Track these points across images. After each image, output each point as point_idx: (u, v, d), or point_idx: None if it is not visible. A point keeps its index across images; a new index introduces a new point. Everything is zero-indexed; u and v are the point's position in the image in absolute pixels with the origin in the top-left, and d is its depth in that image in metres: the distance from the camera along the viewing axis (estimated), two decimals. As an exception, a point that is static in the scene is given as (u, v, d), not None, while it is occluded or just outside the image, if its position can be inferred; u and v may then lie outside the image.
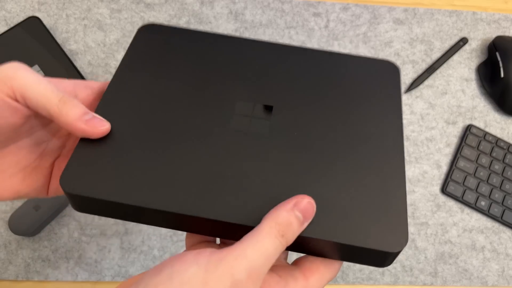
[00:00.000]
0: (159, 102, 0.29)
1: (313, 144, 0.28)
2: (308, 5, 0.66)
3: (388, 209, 0.26)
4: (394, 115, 0.31)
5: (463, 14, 0.68)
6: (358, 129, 0.30)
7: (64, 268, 0.53)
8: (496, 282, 0.57)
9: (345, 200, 0.26)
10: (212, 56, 0.32)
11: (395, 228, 0.26)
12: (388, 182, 0.28)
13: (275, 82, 0.31)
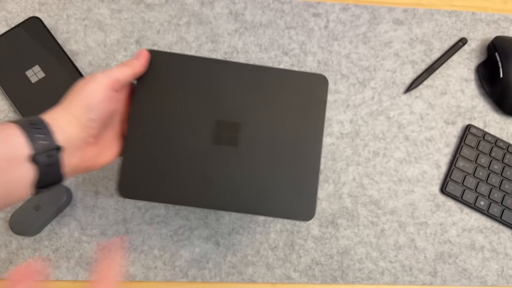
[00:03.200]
0: (166, 123, 0.43)
1: (261, 153, 0.43)
2: (308, 5, 0.66)
3: (302, 197, 0.42)
4: (318, 121, 0.44)
5: (463, 14, 0.69)
6: (290, 135, 0.43)
7: (65, 268, 0.53)
8: (496, 282, 0.57)
9: (276, 187, 0.42)
10: (195, 80, 0.44)
11: (306, 209, 0.42)
12: (305, 173, 0.43)
13: (239, 102, 0.44)
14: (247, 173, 0.43)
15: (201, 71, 0.44)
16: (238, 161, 0.43)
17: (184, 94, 0.43)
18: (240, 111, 0.43)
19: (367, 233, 0.58)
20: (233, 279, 0.55)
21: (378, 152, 0.61)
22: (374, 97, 0.63)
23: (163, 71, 0.43)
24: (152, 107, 0.43)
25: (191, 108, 0.43)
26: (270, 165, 0.43)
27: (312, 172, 0.43)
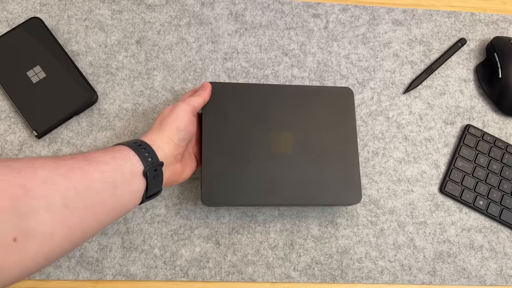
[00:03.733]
0: (232, 139, 0.52)
1: (311, 155, 0.53)
2: (308, 6, 0.67)
3: (350, 185, 0.53)
4: (351, 125, 0.55)
5: (462, 15, 0.69)
6: (332, 138, 0.54)
7: (66, 267, 0.53)
8: (494, 281, 0.58)
9: (328, 181, 0.53)
10: (248, 102, 0.54)
11: (354, 193, 0.53)
12: (349, 167, 0.53)
13: (287, 116, 0.54)
14: (303, 173, 0.52)
15: (251, 95, 0.54)
16: (295, 164, 0.52)
17: (241, 114, 0.53)
18: (288, 124, 0.53)
19: (367, 233, 0.58)
20: (233, 278, 0.55)
21: (377, 152, 0.61)
22: (373, 97, 0.64)
23: (221, 97, 0.53)
24: (218, 127, 0.52)
25: (249, 125, 0.53)
26: (320, 164, 0.53)
27: (354, 165, 0.53)
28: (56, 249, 0.33)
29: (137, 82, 0.61)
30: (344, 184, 0.53)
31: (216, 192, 0.50)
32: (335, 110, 0.55)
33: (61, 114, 0.57)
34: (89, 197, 0.36)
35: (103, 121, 0.59)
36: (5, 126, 0.57)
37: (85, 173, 0.36)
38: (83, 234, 0.36)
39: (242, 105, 0.53)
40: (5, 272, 0.31)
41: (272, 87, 0.55)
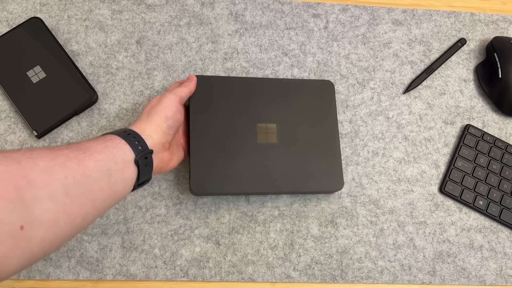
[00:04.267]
0: (219, 130, 0.54)
1: (295, 145, 0.55)
2: (308, 6, 0.67)
3: (332, 173, 0.55)
4: (332, 115, 0.58)
5: (462, 15, 0.69)
6: (314, 128, 0.56)
7: (66, 267, 0.53)
8: (494, 281, 0.58)
9: (311, 170, 0.55)
10: (234, 95, 0.56)
11: (337, 182, 0.56)
12: (331, 157, 0.56)
13: (271, 108, 0.56)
14: (288, 162, 0.54)
15: (236, 88, 0.56)
16: (280, 153, 0.54)
17: (227, 106, 0.55)
18: (273, 115, 0.55)
19: (366, 233, 0.58)
20: (233, 278, 0.55)
21: (377, 152, 0.61)
22: (373, 97, 0.64)
23: (208, 90, 0.55)
24: (205, 119, 0.54)
25: (235, 117, 0.54)
26: (304, 153, 0.55)
27: (336, 154, 0.56)
28: (60, 236, 0.35)
29: (137, 82, 0.61)
30: (327, 172, 0.55)
31: (205, 181, 0.52)
32: (316, 102, 0.57)
33: (61, 114, 0.57)
34: (87, 185, 0.37)
35: (103, 121, 0.59)
36: (5, 126, 0.57)
37: (81, 162, 0.37)
38: (83, 221, 0.37)
39: (227, 97, 0.55)
40: (14, 259, 0.32)
41: (256, 80, 0.57)
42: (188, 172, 0.53)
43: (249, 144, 0.54)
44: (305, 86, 0.58)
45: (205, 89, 0.55)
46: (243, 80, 0.57)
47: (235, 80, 0.57)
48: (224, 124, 0.54)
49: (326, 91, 0.58)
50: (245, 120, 0.55)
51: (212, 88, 0.55)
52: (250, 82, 0.57)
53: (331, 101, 0.58)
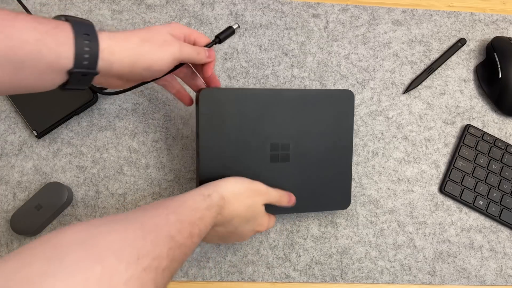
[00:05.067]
0: (229, 149, 0.49)
1: (308, 163, 0.53)
2: (308, 6, 0.67)
3: (340, 192, 0.55)
4: (348, 131, 0.54)
5: (461, 15, 0.69)
6: (328, 147, 0.53)
7: (66, 267, 0.53)
8: (494, 281, 0.58)
9: (320, 188, 0.54)
10: (247, 109, 0.50)
11: (344, 200, 0.55)
12: (341, 177, 0.55)
13: (286, 124, 0.51)
14: (299, 182, 0.52)
15: (250, 102, 0.50)
16: (291, 173, 0.52)
17: (240, 123, 0.49)
18: (287, 133, 0.51)
19: (366, 233, 0.58)
20: (233, 278, 0.55)
21: (377, 152, 0.61)
22: (373, 97, 0.64)
23: (218, 105, 0.49)
24: (215, 137, 0.49)
25: (247, 135, 0.50)
26: (316, 173, 0.53)
27: (347, 172, 0.54)
28: None
29: (137, 82, 0.61)
30: (335, 191, 0.54)
31: None
32: (334, 114, 0.53)
33: (61, 114, 0.57)
34: None
35: (103, 121, 0.59)
36: (5, 126, 0.57)
37: None
38: None
39: (240, 113, 0.50)
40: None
41: (271, 93, 0.51)
42: None
43: (260, 163, 0.51)
44: (323, 97, 0.52)
45: (215, 104, 0.49)
46: (257, 93, 0.50)
47: (248, 93, 0.50)
48: (235, 143, 0.50)
49: (346, 102, 0.53)
50: (257, 138, 0.50)
51: (223, 103, 0.49)
52: (263, 95, 0.50)
53: (349, 114, 0.54)
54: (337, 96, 0.53)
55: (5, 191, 0.55)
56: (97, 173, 0.57)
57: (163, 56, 0.42)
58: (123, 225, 0.33)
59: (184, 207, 0.39)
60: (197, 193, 0.41)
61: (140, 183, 0.57)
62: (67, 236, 0.30)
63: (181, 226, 0.36)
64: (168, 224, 0.36)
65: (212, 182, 0.45)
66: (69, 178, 0.57)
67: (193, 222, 0.38)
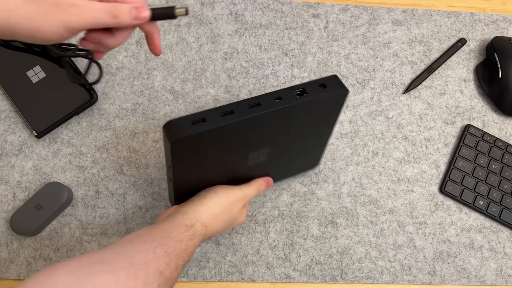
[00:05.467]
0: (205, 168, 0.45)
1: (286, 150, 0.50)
2: (308, 6, 0.67)
3: (314, 155, 0.55)
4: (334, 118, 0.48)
5: (462, 15, 0.69)
6: (310, 134, 0.49)
7: (66, 267, 0.53)
8: (494, 281, 0.58)
9: (295, 161, 0.54)
10: (222, 143, 0.42)
11: (314, 160, 0.56)
12: (319, 146, 0.53)
13: (265, 136, 0.45)
14: (275, 164, 0.51)
15: (228, 138, 0.42)
16: (268, 163, 0.50)
17: (216, 151, 0.43)
18: (267, 140, 0.46)
19: (366, 233, 0.58)
20: (233, 278, 0.55)
21: (377, 152, 0.61)
22: (373, 97, 0.64)
23: (193, 152, 0.41)
24: (189, 165, 0.43)
25: (223, 156, 0.44)
26: (292, 151, 0.51)
27: (324, 140, 0.52)
28: None
29: (137, 82, 0.61)
30: (309, 156, 0.55)
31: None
32: (323, 114, 0.47)
33: (61, 114, 0.57)
34: None
35: (103, 121, 0.59)
36: (5, 126, 0.57)
37: None
38: None
39: (213, 144, 0.42)
40: None
41: (253, 121, 0.41)
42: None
43: (238, 169, 0.48)
44: (315, 106, 0.44)
45: (189, 152, 0.41)
46: (238, 125, 0.40)
47: (226, 129, 0.40)
48: (209, 166, 0.45)
49: (338, 101, 0.46)
50: (236, 157, 0.46)
51: (198, 149, 0.41)
52: (245, 125, 0.41)
53: (339, 108, 0.47)
54: (331, 100, 0.45)
55: (5, 191, 0.55)
56: (97, 173, 0.57)
57: (50, 26, 0.33)
58: (113, 263, 0.34)
59: (169, 238, 0.39)
60: (179, 224, 0.42)
61: (140, 183, 0.57)
62: (60, 278, 0.30)
63: (169, 259, 0.37)
64: (156, 258, 0.36)
65: (191, 206, 0.45)
66: (69, 178, 0.56)
67: (178, 254, 0.39)
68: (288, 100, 0.41)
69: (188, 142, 0.39)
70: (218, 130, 0.39)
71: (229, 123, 0.39)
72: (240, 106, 0.40)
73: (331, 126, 0.50)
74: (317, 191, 0.59)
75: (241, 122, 0.40)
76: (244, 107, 0.40)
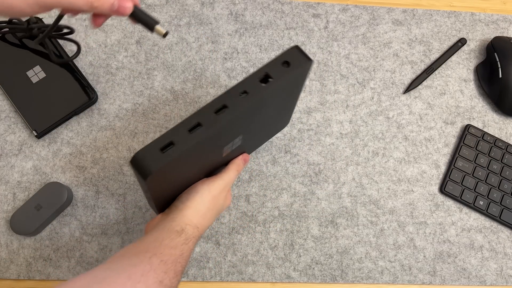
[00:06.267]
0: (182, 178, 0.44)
1: (256, 128, 0.49)
2: (308, 6, 0.67)
3: (283, 118, 0.54)
4: (298, 87, 0.47)
5: (462, 15, 0.69)
6: (276, 108, 0.47)
7: (66, 267, 0.53)
8: (495, 281, 0.58)
9: (267, 128, 0.53)
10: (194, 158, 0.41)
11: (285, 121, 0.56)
12: (286, 110, 0.52)
13: (235, 125, 0.42)
14: (250, 141, 0.51)
15: (196, 149, 0.39)
16: (242, 144, 0.49)
17: (191, 162, 0.41)
18: (239, 131, 0.44)
19: (367, 233, 0.58)
20: (233, 278, 0.55)
21: (377, 152, 0.61)
22: (373, 97, 0.64)
23: (165, 173, 0.39)
24: (165, 185, 0.42)
25: (200, 161, 0.43)
26: (263, 124, 0.50)
27: (292, 105, 0.51)
28: None
29: (137, 82, 0.61)
30: (278, 121, 0.54)
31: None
32: (290, 87, 0.44)
33: (61, 114, 0.57)
34: None
35: (103, 121, 0.59)
36: (5, 126, 0.57)
37: None
38: None
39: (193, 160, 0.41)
40: None
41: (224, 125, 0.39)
42: None
43: (214, 162, 0.47)
44: (284, 84, 0.42)
45: (164, 176, 0.39)
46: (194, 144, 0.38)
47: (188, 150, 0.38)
48: (186, 177, 0.44)
49: (303, 72, 0.43)
50: (211, 157, 0.45)
51: (173, 169, 0.39)
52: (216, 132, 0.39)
53: (304, 76, 0.45)
54: (295, 76, 0.42)
55: (5, 191, 0.55)
56: (97, 173, 0.57)
57: (23, 2, 0.33)
58: (110, 280, 0.33)
59: (162, 246, 0.39)
60: (170, 231, 0.41)
61: (140, 183, 0.57)
62: None
63: (166, 267, 0.37)
64: (153, 268, 0.36)
65: (177, 212, 0.44)
66: (69, 178, 0.56)
67: (175, 261, 0.38)
68: (254, 92, 0.39)
69: (162, 170, 0.37)
70: (191, 149, 0.37)
71: (200, 139, 0.37)
72: (205, 113, 0.38)
73: (298, 92, 0.48)
74: (317, 191, 0.59)
75: (211, 132, 0.38)
76: (210, 114, 0.38)
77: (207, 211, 0.45)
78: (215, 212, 0.47)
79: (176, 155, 0.36)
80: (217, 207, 0.47)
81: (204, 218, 0.45)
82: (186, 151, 0.37)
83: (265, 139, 0.57)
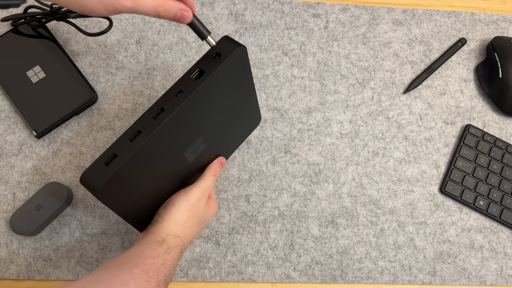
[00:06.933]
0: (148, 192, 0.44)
1: (221, 128, 0.49)
2: (308, 6, 0.67)
3: (252, 116, 0.55)
4: (249, 81, 0.48)
5: (462, 15, 0.69)
6: (235, 104, 0.48)
7: (65, 268, 0.53)
8: (495, 281, 0.58)
9: (236, 130, 0.53)
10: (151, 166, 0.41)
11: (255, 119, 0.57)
12: (250, 108, 0.53)
13: (185, 127, 0.42)
14: (220, 144, 0.51)
15: (144, 157, 0.39)
16: (207, 148, 0.48)
17: (146, 171, 0.41)
18: (194, 133, 0.44)
19: (367, 233, 0.58)
20: (233, 278, 0.55)
21: (377, 152, 0.61)
22: (373, 97, 0.64)
23: (119, 185, 0.39)
24: (132, 200, 0.42)
25: (161, 170, 0.43)
26: (230, 126, 0.50)
27: (253, 101, 0.52)
28: None
29: (137, 82, 0.61)
30: (248, 119, 0.54)
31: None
32: (234, 78, 0.45)
33: (60, 114, 0.57)
34: None
35: (103, 121, 0.59)
36: (5, 126, 0.57)
37: None
38: None
39: (148, 169, 0.41)
40: None
41: (166, 128, 0.40)
42: None
43: (182, 170, 0.46)
44: (218, 78, 0.42)
45: (120, 189, 0.40)
46: (152, 142, 0.39)
47: (142, 152, 0.39)
48: (156, 186, 0.44)
49: (240, 60, 0.44)
50: (174, 164, 0.44)
51: (127, 181, 0.40)
52: (160, 137, 0.39)
53: (246, 64, 0.45)
54: (232, 64, 0.43)
55: (4, 191, 0.55)
56: (97, 173, 0.57)
57: (98, 6, 0.36)
58: None
59: (143, 257, 0.39)
60: (151, 242, 0.41)
61: (140, 183, 0.57)
62: None
63: (148, 276, 0.37)
64: (134, 277, 0.36)
65: (157, 225, 0.44)
66: (69, 178, 0.56)
67: (157, 270, 0.38)
68: (189, 90, 0.39)
69: (111, 183, 0.37)
70: (134, 157, 0.38)
71: (141, 145, 0.37)
72: (144, 121, 0.38)
73: (250, 82, 0.48)
74: (317, 191, 0.59)
75: (152, 137, 0.38)
76: (149, 119, 0.38)
77: (187, 220, 0.45)
78: (197, 220, 0.47)
79: (119, 166, 0.37)
80: (198, 214, 0.46)
81: (185, 227, 0.45)
82: (130, 160, 0.37)
83: (239, 139, 0.56)
